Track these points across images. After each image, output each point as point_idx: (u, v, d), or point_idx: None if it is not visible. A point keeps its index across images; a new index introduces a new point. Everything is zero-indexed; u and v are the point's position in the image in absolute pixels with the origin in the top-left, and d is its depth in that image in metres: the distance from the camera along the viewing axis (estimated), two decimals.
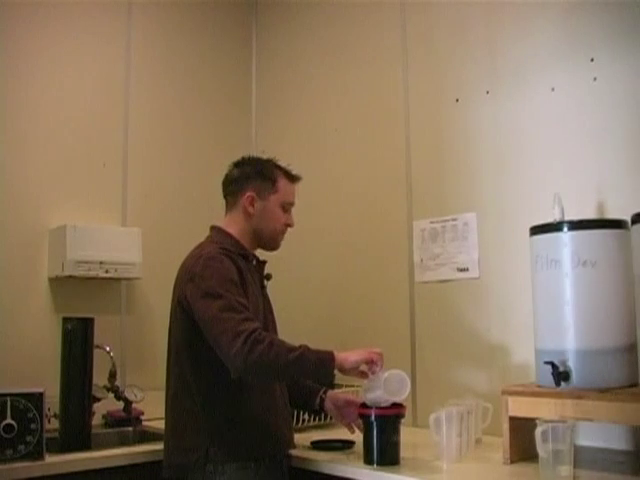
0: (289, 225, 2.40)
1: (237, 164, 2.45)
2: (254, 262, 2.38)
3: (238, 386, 2.16)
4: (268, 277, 2.44)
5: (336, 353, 2.11)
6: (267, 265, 2.44)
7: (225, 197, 2.43)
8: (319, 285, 3.27)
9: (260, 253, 2.44)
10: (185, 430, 2.20)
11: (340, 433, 2.46)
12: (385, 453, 2.11)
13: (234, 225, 2.36)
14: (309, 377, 2.27)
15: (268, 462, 2.20)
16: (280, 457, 2.26)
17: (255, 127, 3.73)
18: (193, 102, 3.52)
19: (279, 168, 2.41)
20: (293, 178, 2.42)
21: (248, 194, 2.34)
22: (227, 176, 2.44)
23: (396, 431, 2.13)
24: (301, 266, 3.27)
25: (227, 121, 3.64)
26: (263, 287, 2.41)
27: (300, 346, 2.09)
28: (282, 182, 2.38)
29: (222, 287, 2.13)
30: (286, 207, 2.38)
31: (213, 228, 2.40)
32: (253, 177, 2.37)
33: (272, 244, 2.40)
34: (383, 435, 2.12)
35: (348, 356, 2.11)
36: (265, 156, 2.45)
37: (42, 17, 3.03)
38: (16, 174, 2.91)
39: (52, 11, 3.06)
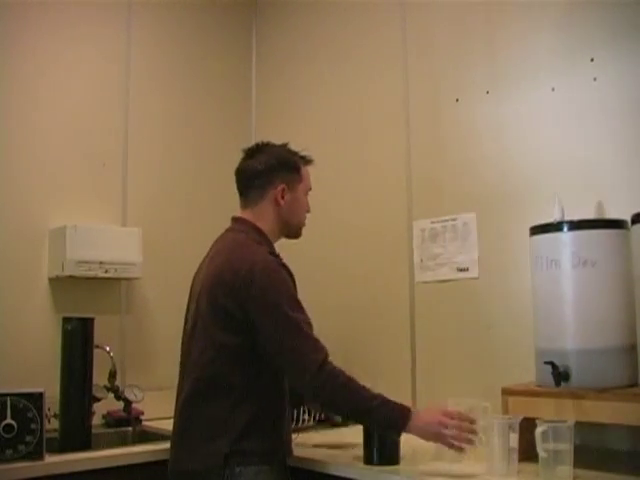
0: (308, 211, 2.37)
1: (253, 154, 2.32)
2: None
3: (266, 392, 2.12)
4: None
5: (413, 414, 2.01)
6: None
7: (246, 190, 2.30)
8: (318, 285, 3.26)
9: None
10: (204, 434, 2.11)
11: (342, 433, 2.46)
12: (385, 453, 2.12)
13: (263, 219, 2.26)
14: (371, 426, 2.15)
15: (279, 465, 2.17)
16: (285, 459, 2.22)
17: (255, 127, 3.73)
18: (193, 102, 3.52)
19: (294, 153, 2.34)
20: (308, 162, 2.36)
21: (281, 186, 2.26)
22: (246, 169, 2.32)
23: None
24: (300, 266, 3.26)
25: (227, 121, 3.64)
26: None
27: (378, 396, 2.02)
28: (303, 168, 2.33)
29: (289, 305, 2.08)
30: (307, 193, 2.36)
31: (243, 221, 2.28)
32: (279, 168, 2.27)
33: (298, 233, 2.37)
34: (383, 435, 2.12)
35: (423, 425, 2.00)
36: (274, 142, 2.36)
37: (42, 18, 3.02)
38: (16, 174, 2.91)
39: (52, 11, 3.06)
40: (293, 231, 2.35)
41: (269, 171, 2.28)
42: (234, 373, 2.10)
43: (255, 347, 2.08)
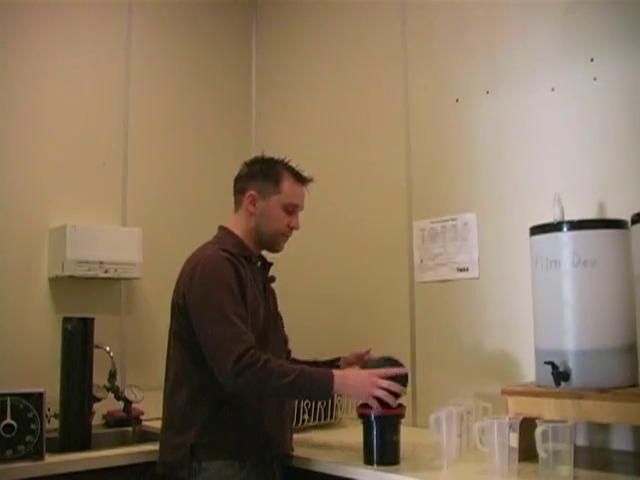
0: (293, 227, 2.34)
1: (247, 163, 2.41)
2: (258, 264, 2.35)
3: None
4: (272, 279, 2.42)
5: (336, 377, 2.07)
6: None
7: (234, 194, 2.40)
8: (319, 285, 3.26)
9: (267, 255, 2.43)
10: (174, 427, 2.20)
11: (342, 433, 2.45)
12: (385, 453, 2.11)
13: (239, 224, 2.34)
14: (304, 399, 2.32)
15: (254, 462, 2.17)
16: (269, 458, 2.23)
17: (255, 127, 3.73)
18: (193, 102, 3.52)
19: (287, 169, 2.35)
20: (302, 179, 2.36)
21: (250, 193, 2.32)
22: (237, 174, 2.41)
23: (396, 431, 2.13)
24: (301, 266, 3.27)
25: (227, 121, 3.64)
26: (266, 290, 2.36)
27: (295, 369, 2.07)
28: (287, 183, 2.32)
29: (220, 295, 2.12)
30: (290, 209, 2.32)
31: (220, 228, 2.37)
32: (257, 176, 2.34)
33: (273, 246, 2.35)
34: (383, 435, 2.11)
35: (348, 385, 2.09)
36: (277, 156, 2.39)
37: (42, 18, 3.02)
38: (16, 174, 2.91)
39: (52, 11, 3.06)
40: (265, 242, 2.35)
41: (247, 178, 2.37)
42: (192, 365, 2.19)
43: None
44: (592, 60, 2.39)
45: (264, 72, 3.74)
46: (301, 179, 2.36)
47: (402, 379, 2.13)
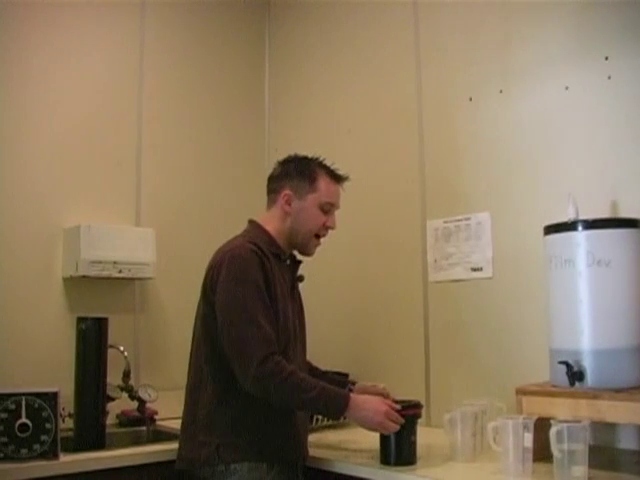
0: (329, 227, 2.35)
1: (282, 162, 2.41)
2: (288, 262, 2.35)
3: None
4: (300, 279, 2.42)
5: (352, 400, 2.09)
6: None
7: (267, 194, 2.40)
8: (332, 286, 3.26)
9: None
10: (198, 424, 2.18)
11: (357, 433, 2.44)
12: (402, 453, 2.12)
13: (272, 222, 2.33)
14: (317, 414, 2.29)
15: (281, 464, 2.17)
16: (294, 460, 2.23)
17: (268, 127, 3.73)
18: (206, 101, 3.52)
19: (322, 167, 2.36)
20: (337, 178, 2.36)
21: (285, 192, 2.32)
22: (270, 173, 2.41)
23: (413, 431, 2.13)
24: (314, 265, 3.26)
25: (240, 121, 3.64)
26: (294, 288, 2.36)
27: (317, 386, 2.07)
28: (323, 182, 2.32)
29: (246, 294, 2.10)
30: (326, 208, 2.32)
31: (250, 222, 2.36)
32: (293, 175, 2.34)
33: (304, 247, 2.35)
34: (400, 435, 2.11)
35: (362, 411, 2.10)
36: (309, 155, 2.40)
37: (55, 17, 3.04)
38: (30, 174, 2.93)
39: (66, 11, 3.07)
40: (298, 242, 2.34)
41: (282, 177, 2.36)
42: (218, 364, 2.16)
43: None
44: (607, 58, 2.37)
45: (277, 71, 3.74)
46: (337, 177, 2.37)
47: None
